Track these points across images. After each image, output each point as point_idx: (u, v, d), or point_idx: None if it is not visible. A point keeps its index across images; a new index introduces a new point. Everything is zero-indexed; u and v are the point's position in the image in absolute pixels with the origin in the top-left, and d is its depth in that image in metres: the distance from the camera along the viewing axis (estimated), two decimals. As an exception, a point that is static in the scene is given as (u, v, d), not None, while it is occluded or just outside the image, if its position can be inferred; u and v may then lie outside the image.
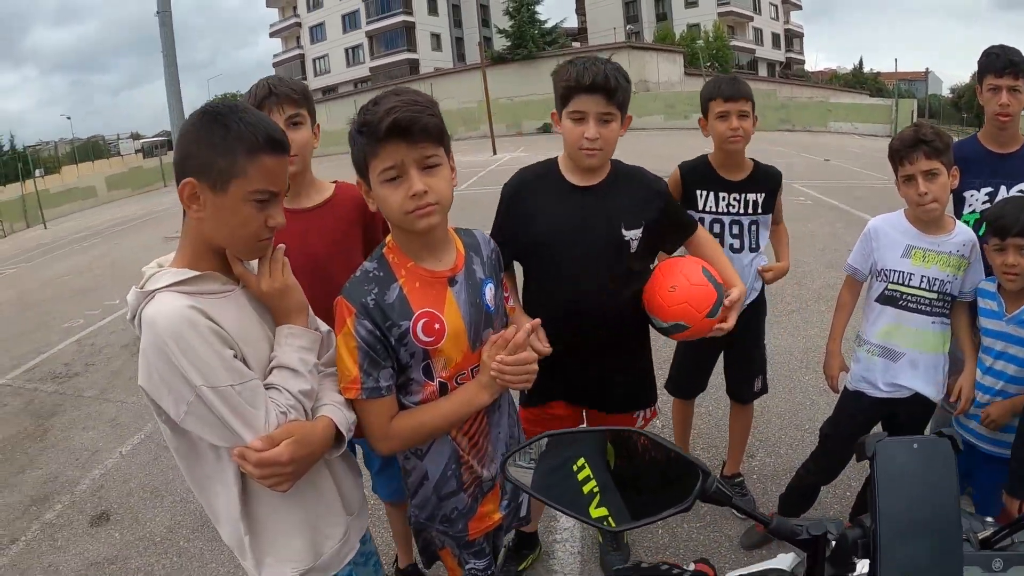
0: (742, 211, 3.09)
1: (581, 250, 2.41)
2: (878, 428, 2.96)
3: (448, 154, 1.80)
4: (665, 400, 4.79)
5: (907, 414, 2.84)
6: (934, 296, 2.70)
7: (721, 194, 3.08)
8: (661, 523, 3.41)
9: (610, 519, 1.12)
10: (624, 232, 2.42)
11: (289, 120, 2.28)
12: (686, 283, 2.33)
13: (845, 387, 3.00)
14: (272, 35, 72.00)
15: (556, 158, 2.55)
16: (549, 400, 2.69)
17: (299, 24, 67.63)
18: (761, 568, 1.19)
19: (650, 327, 2.55)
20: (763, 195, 3.10)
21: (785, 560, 1.17)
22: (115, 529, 3.96)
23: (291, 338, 1.66)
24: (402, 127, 1.66)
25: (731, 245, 3.12)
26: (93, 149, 59.89)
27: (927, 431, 3.39)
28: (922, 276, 2.69)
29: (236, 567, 3.38)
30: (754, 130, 3.04)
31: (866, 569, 1.00)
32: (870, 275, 2.88)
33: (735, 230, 3.11)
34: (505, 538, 3.14)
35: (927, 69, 72.15)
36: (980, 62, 3.10)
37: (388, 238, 1.90)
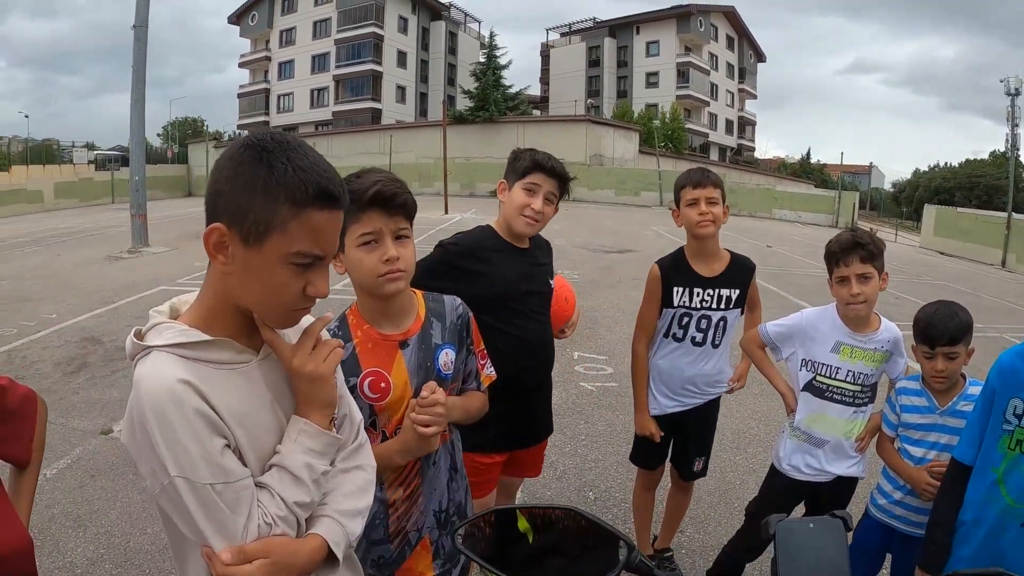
0: (713, 306, 3.20)
1: (531, 300, 2.87)
2: (801, 507, 3.13)
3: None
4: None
5: (830, 493, 3.01)
6: (857, 388, 2.92)
7: (696, 290, 3.18)
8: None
9: None
10: (550, 282, 2.99)
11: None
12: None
13: (772, 466, 3.16)
14: (241, 65, 71.88)
15: (488, 225, 2.95)
16: (493, 451, 2.86)
17: (269, 59, 67.79)
18: None
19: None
20: (737, 291, 3.22)
21: None
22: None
23: (303, 437, 1.40)
24: (385, 197, 1.91)
25: (693, 338, 3.22)
26: (46, 152, 58.11)
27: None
28: (848, 370, 2.90)
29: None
30: (726, 219, 3.15)
31: None
32: (787, 360, 3.09)
33: (702, 324, 3.21)
34: None
35: (871, 163, 75.31)
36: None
37: (353, 304, 2.10)
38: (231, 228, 1.28)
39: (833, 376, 2.92)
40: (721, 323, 3.24)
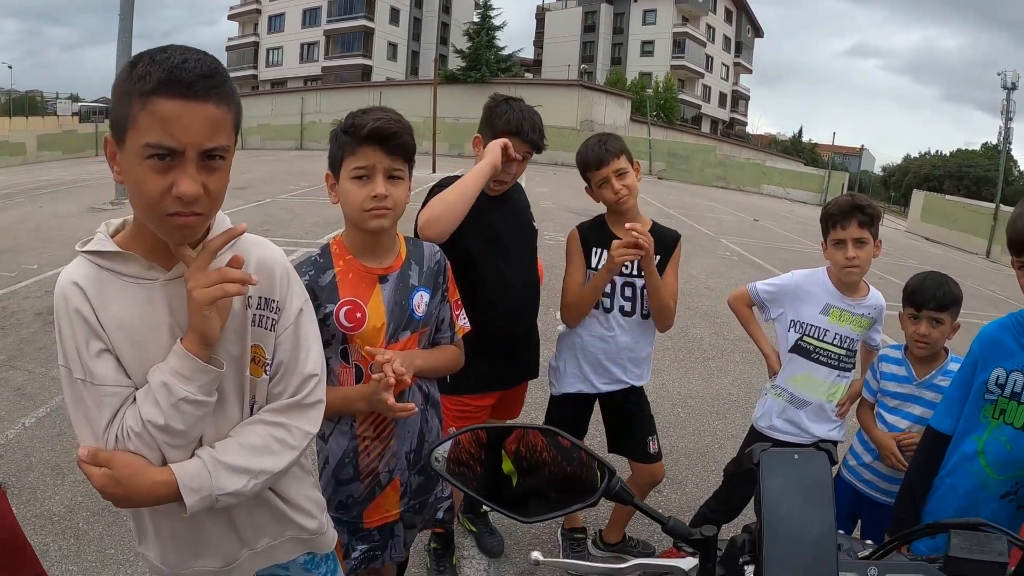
0: (636, 272, 2.97)
1: (517, 243, 2.91)
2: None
3: (410, 174, 2.08)
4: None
5: None
6: (843, 352, 2.92)
7: None
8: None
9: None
10: (534, 224, 3.07)
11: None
12: None
13: (752, 427, 3.17)
14: (231, 17, 70.62)
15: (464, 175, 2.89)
16: (483, 392, 2.92)
17: (259, 11, 66.58)
18: (664, 563, 1.28)
19: None
20: (657, 257, 2.93)
21: (688, 563, 1.26)
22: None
23: (172, 356, 1.36)
24: (382, 135, 1.95)
25: (622, 307, 3.01)
26: (29, 104, 57.50)
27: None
28: (836, 333, 2.90)
29: (136, 554, 3.31)
30: (639, 179, 2.97)
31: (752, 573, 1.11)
32: (776, 321, 3.08)
33: (627, 292, 3.01)
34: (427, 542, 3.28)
35: (862, 146, 75.15)
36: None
37: (337, 234, 2.15)
38: (113, 136, 1.31)
39: (821, 338, 2.92)
40: (645, 290, 2.99)
